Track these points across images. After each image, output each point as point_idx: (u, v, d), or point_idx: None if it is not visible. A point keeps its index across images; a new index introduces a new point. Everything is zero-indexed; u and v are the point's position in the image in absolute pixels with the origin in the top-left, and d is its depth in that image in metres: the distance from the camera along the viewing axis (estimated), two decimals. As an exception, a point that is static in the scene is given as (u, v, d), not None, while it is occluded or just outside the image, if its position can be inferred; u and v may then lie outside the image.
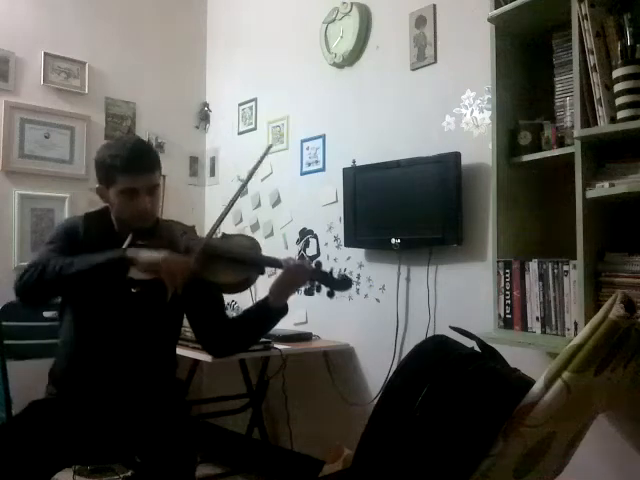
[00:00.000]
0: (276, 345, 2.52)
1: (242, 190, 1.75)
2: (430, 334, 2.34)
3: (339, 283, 1.71)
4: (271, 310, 1.72)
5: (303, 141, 3.03)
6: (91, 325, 1.68)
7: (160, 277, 1.50)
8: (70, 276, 1.51)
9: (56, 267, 1.51)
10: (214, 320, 1.78)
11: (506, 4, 1.88)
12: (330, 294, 1.70)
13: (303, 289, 2.95)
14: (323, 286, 1.71)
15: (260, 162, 1.71)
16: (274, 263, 1.70)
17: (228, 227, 3.45)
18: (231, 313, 2.60)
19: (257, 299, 1.81)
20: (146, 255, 1.51)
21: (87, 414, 1.62)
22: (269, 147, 1.87)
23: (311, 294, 2.92)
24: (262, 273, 1.70)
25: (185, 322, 1.84)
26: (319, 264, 1.72)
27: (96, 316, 1.67)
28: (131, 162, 1.60)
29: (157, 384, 1.73)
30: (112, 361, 1.66)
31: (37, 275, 1.52)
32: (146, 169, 1.63)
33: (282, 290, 1.70)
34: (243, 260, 1.66)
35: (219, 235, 1.83)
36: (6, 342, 2.06)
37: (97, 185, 1.69)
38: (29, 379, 1.99)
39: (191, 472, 1.62)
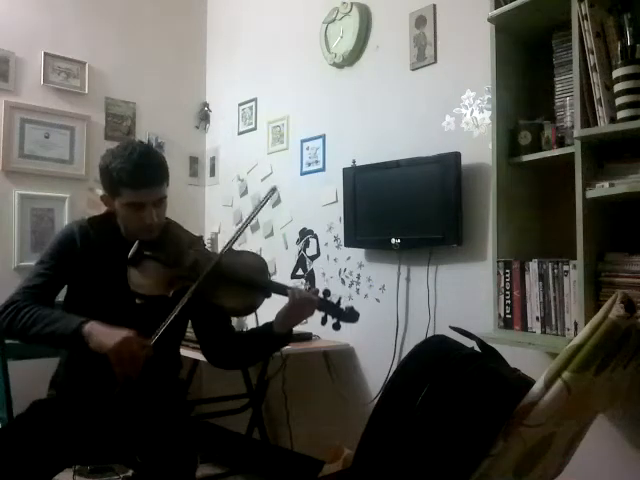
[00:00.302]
0: (276, 345, 2.52)
1: (250, 221, 1.71)
2: (430, 334, 2.34)
3: (347, 315, 1.67)
4: (274, 337, 1.69)
5: (303, 141, 3.03)
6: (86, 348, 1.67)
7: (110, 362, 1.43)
8: (29, 337, 1.50)
9: (21, 322, 1.49)
10: (218, 332, 1.76)
11: (506, 4, 1.88)
12: (336, 326, 1.67)
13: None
14: (329, 317, 1.67)
15: (263, 204, 1.70)
16: (281, 291, 1.66)
17: (228, 227, 3.45)
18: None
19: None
20: (99, 338, 1.44)
21: (89, 415, 1.62)
22: (273, 190, 1.84)
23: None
24: (268, 297, 1.65)
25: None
26: (327, 292, 1.68)
27: None
28: (138, 177, 1.55)
29: (160, 386, 1.72)
30: (111, 371, 1.65)
31: (7, 323, 1.51)
32: (153, 183, 1.59)
33: (287, 321, 1.67)
34: (250, 284, 1.62)
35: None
36: (7, 342, 2.06)
37: (102, 193, 1.65)
38: (29, 379, 2.00)
39: (191, 472, 1.62)
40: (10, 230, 2.98)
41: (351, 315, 1.68)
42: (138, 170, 1.55)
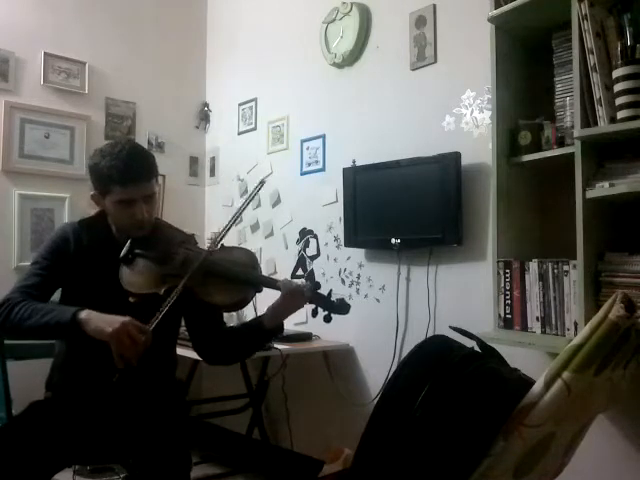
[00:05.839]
0: (276, 345, 2.52)
1: (238, 217, 1.71)
2: (430, 334, 2.34)
3: (337, 307, 1.64)
4: (265, 331, 1.68)
5: (303, 141, 3.03)
6: (84, 335, 1.67)
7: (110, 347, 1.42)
8: (25, 330, 1.49)
9: (17, 316, 1.48)
10: (210, 329, 1.75)
11: (506, 4, 1.88)
12: (327, 318, 1.65)
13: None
14: (320, 310, 1.65)
15: (253, 196, 1.71)
16: (271, 284, 1.64)
17: (228, 227, 3.45)
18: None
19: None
20: (97, 324, 1.44)
21: (85, 415, 1.62)
22: (262, 182, 1.81)
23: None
24: (259, 292, 1.66)
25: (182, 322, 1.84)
26: (318, 285, 1.65)
27: None
28: (127, 174, 1.56)
29: (155, 386, 1.72)
30: (107, 367, 1.65)
31: (3, 318, 1.50)
32: (142, 179, 1.59)
33: (278, 314, 1.66)
34: (240, 280, 1.62)
35: (218, 246, 1.76)
36: (6, 342, 2.06)
37: (92, 192, 1.66)
38: (29, 379, 1.99)
39: (186, 474, 1.61)
40: (10, 230, 2.98)
41: (342, 307, 1.66)
42: (127, 167, 1.56)
